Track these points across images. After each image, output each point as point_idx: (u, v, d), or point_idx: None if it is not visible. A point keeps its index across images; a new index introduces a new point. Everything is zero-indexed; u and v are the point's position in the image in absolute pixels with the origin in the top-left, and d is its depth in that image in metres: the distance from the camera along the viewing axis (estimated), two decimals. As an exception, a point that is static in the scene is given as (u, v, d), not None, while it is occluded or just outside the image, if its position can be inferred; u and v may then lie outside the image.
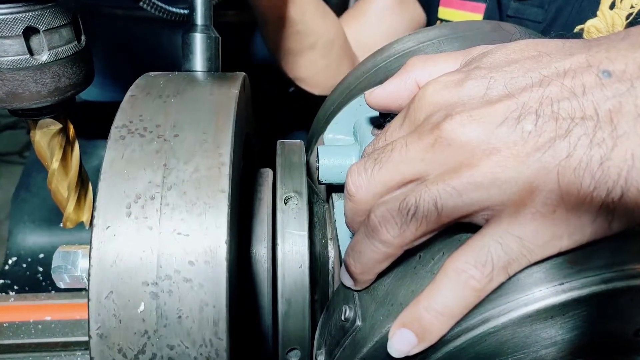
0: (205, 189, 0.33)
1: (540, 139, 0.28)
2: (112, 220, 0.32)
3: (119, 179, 0.33)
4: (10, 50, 0.37)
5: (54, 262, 0.42)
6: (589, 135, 0.27)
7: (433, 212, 0.30)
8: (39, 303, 0.69)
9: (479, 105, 0.30)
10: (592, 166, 0.27)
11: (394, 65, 0.50)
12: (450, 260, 0.30)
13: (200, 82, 0.41)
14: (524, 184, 0.28)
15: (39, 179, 0.93)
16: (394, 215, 0.31)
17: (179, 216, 0.32)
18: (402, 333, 0.31)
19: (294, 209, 0.41)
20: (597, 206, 0.27)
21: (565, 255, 0.29)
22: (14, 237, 0.89)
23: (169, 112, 0.36)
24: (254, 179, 0.47)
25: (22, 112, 0.42)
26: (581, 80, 0.28)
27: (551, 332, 0.31)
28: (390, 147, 0.32)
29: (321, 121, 0.54)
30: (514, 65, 0.31)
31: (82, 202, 0.50)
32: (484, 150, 0.29)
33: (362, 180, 0.33)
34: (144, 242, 0.32)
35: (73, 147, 0.48)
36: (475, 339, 0.30)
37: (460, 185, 0.29)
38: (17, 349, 0.64)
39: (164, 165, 0.34)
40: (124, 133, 0.35)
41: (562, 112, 0.28)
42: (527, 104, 0.29)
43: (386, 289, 0.34)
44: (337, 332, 0.36)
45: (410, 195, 0.30)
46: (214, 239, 0.32)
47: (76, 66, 0.41)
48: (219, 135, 0.35)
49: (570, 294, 0.29)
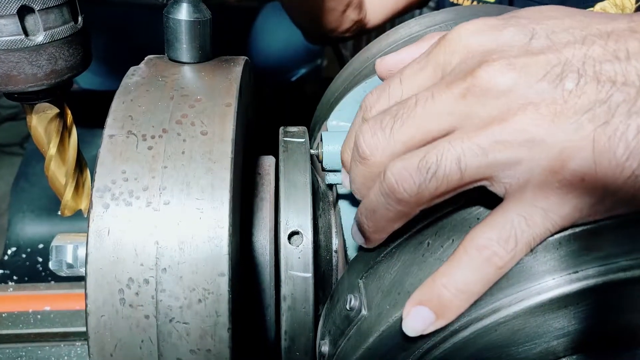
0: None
1: (580, 101, 0.26)
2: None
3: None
4: (4, 30, 0.36)
5: (51, 258, 0.42)
6: (628, 103, 0.25)
7: (455, 172, 0.28)
8: (38, 293, 0.68)
9: (519, 53, 0.28)
10: (628, 135, 0.25)
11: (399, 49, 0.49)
12: (471, 235, 0.29)
13: (191, 88, 0.36)
14: (556, 149, 0.26)
15: (38, 169, 0.92)
16: (412, 174, 0.28)
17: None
18: (419, 310, 0.29)
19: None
20: (626, 177, 0.26)
21: (580, 241, 0.28)
22: (14, 227, 0.88)
23: (155, 168, 0.32)
24: (256, 166, 0.46)
25: (18, 96, 0.41)
26: (625, 45, 0.27)
27: (563, 322, 0.30)
28: (414, 100, 0.29)
29: (325, 107, 0.53)
30: (554, 21, 0.29)
31: (80, 190, 0.49)
32: (521, 103, 0.27)
33: (377, 140, 0.30)
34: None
35: (71, 133, 0.47)
36: (486, 328, 0.29)
37: (487, 143, 0.27)
38: (16, 339, 0.64)
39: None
40: (107, 200, 0.31)
41: (604, 74, 0.26)
42: (570, 61, 0.27)
43: (393, 278, 0.33)
44: (342, 321, 0.35)
45: (432, 152, 0.28)
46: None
47: (73, 48, 0.40)
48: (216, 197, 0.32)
49: (584, 282, 0.28)
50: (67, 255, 0.43)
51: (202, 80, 0.38)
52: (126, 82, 0.37)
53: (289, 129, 0.46)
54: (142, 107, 0.35)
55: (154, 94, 0.36)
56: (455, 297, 0.28)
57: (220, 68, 0.40)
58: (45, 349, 0.63)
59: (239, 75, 0.39)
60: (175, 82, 0.37)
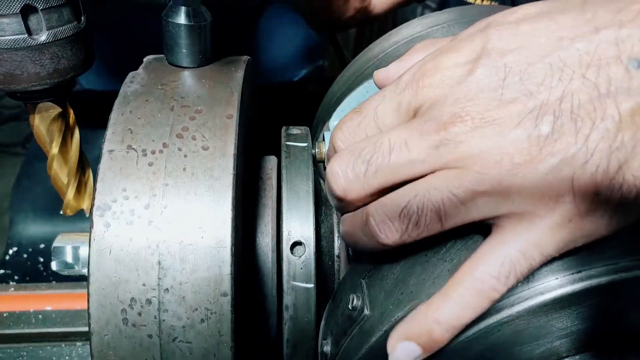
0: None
1: (556, 145, 0.25)
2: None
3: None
4: (7, 29, 0.36)
5: (53, 258, 0.42)
6: (608, 140, 0.25)
7: (435, 220, 0.28)
8: (40, 293, 0.68)
9: (492, 104, 0.27)
10: (610, 172, 0.25)
11: (401, 50, 0.49)
12: (467, 269, 0.28)
13: (191, 98, 0.36)
14: (535, 195, 0.26)
15: (40, 168, 0.92)
16: (395, 223, 0.29)
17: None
18: (406, 346, 0.29)
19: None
20: (613, 209, 0.26)
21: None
22: (15, 227, 0.88)
23: (156, 186, 0.32)
24: (258, 169, 0.45)
25: (21, 95, 0.41)
26: (607, 73, 0.25)
27: (566, 322, 0.30)
28: (387, 146, 0.29)
29: (327, 107, 0.53)
30: (529, 48, 0.27)
31: (83, 189, 0.49)
32: (494, 157, 0.26)
33: (351, 183, 0.30)
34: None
35: (73, 133, 0.47)
36: (489, 328, 0.29)
37: (465, 193, 0.27)
38: (17, 338, 0.63)
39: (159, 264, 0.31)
40: (108, 219, 0.31)
41: (582, 111, 0.25)
42: (546, 103, 0.26)
43: (396, 277, 0.32)
44: (344, 321, 0.35)
45: (412, 201, 0.28)
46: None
47: (76, 47, 0.40)
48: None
49: (587, 282, 0.28)
50: (69, 256, 0.42)
51: (203, 88, 0.37)
52: (125, 91, 0.36)
53: (292, 131, 0.45)
54: (142, 119, 0.34)
55: (154, 105, 0.35)
56: (447, 332, 0.28)
57: (221, 73, 0.39)
58: (46, 349, 0.63)
59: (240, 82, 0.38)
60: (175, 90, 0.37)
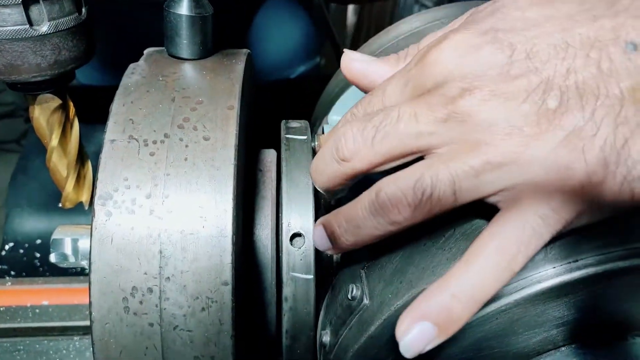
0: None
1: (564, 118, 0.26)
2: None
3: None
4: (9, 19, 0.36)
5: (52, 250, 0.41)
6: (613, 114, 0.26)
7: (450, 194, 0.28)
8: (37, 287, 0.68)
9: (500, 78, 0.28)
10: (617, 145, 0.26)
11: (400, 45, 0.49)
12: (487, 238, 0.28)
13: (192, 89, 0.36)
14: (548, 164, 0.27)
15: (37, 163, 0.92)
16: (408, 196, 0.29)
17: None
18: (420, 328, 0.27)
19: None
20: (620, 183, 0.26)
21: (580, 230, 0.29)
22: (11, 222, 0.88)
23: (157, 175, 0.32)
24: (257, 162, 0.46)
25: (21, 86, 0.41)
26: (608, 53, 0.26)
27: (563, 311, 0.30)
28: (396, 115, 0.30)
29: (326, 102, 0.53)
30: (535, 30, 0.28)
31: (82, 182, 0.49)
32: (504, 129, 0.27)
33: (359, 146, 0.30)
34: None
35: (73, 125, 0.47)
36: (486, 317, 0.29)
37: (479, 164, 0.27)
38: (14, 333, 0.63)
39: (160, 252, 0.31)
40: (109, 207, 0.31)
41: (587, 88, 0.26)
42: (552, 79, 0.27)
43: (394, 267, 0.33)
44: (343, 311, 0.35)
45: (425, 175, 0.28)
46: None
47: (77, 39, 0.40)
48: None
49: (585, 270, 0.28)
50: (68, 248, 0.42)
51: (204, 80, 0.38)
52: (126, 82, 0.37)
53: (291, 124, 0.45)
54: (143, 109, 0.34)
55: (155, 96, 0.35)
56: (466, 308, 0.27)
57: (221, 65, 0.39)
58: (43, 343, 0.63)
59: (240, 74, 0.38)
60: (175, 82, 0.37)
